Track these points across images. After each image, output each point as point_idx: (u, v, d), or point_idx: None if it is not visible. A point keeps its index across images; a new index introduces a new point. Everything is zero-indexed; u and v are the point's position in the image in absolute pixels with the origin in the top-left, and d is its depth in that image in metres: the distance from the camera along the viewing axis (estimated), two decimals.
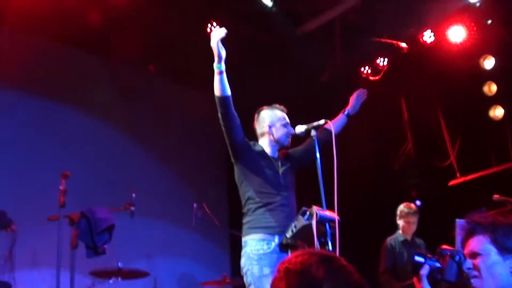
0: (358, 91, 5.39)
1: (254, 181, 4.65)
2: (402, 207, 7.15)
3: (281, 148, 4.91)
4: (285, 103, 5.02)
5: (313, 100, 8.66)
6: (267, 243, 4.50)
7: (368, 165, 8.90)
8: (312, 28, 8.67)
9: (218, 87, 4.44)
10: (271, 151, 4.83)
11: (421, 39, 8.38)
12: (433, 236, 7.02)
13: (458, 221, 5.49)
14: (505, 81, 8.53)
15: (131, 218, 6.54)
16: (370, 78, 8.90)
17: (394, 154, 9.34)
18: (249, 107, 5.07)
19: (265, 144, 4.83)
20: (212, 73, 4.43)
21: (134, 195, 6.49)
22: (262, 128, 4.86)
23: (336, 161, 4.36)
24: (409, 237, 7.13)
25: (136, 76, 8.85)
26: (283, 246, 4.40)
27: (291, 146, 4.97)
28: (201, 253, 8.88)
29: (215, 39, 4.34)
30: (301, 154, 4.97)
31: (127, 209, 6.45)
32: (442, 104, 9.16)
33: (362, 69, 8.97)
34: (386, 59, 8.87)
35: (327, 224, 4.12)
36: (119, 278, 6.54)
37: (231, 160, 4.77)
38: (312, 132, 4.56)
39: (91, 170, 7.80)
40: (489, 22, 8.20)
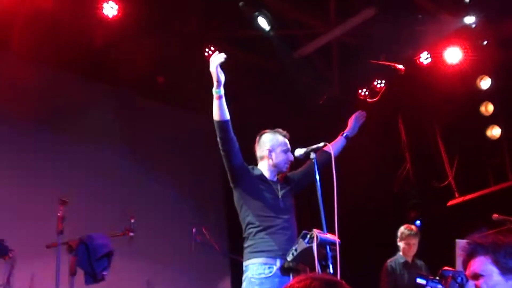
0: (357, 113, 5.38)
1: (254, 205, 4.62)
2: (403, 229, 7.12)
3: (280, 173, 4.89)
4: (283, 126, 5.00)
5: (312, 123, 8.69)
6: (269, 267, 4.46)
7: (368, 187, 8.90)
8: (310, 52, 8.73)
9: (218, 112, 4.42)
10: (270, 175, 4.80)
11: (418, 61, 8.45)
12: (433, 257, 7.01)
13: (458, 242, 5.48)
14: (502, 101, 8.58)
15: (130, 244, 6.49)
16: (368, 100, 8.93)
17: (393, 175, 9.35)
18: (247, 131, 5.06)
19: (264, 168, 4.81)
20: (211, 97, 4.43)
21: (133, 221, 6.45)
22: (262, 152, 4.84)
23: (336, 184, 4.35)
24: (410, 259, 7.10)
25: (135, 100, 8.86)
26: (285, 270, 4.38)
27: (290, 169, 4.94)
28: (201, 279, 8.82)
29: (215, 64, 4.33)
30: (301, 177, 4.95)
31: (126, 235, 6.41)
32: (440, 125, 9.20)
33: (360, 91, 9.01)
34: (384, 81, 8.91)
35: (328, 247, 4.09)
36: None
37: (230, 185, 4.75)
38: (312, 155, 4.55)
39: (89, 196, 7.77)
40: (485, 43, 8.26)
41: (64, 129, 8.04)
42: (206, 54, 7.87)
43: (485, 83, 8.70)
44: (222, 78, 4.37)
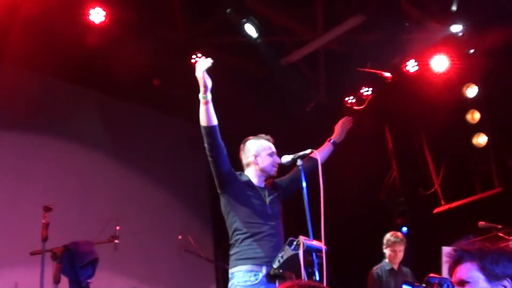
0: (344, 119, 5.39)
1: (241, 212, 4.59)
2: (389, 236, 7.13)
3: (268, 178, 4.87)
4: (271, 133, 5.00)
5: (298, 130, 8.68)
6: (255, 275, 4.44)
7: (354, 194, 8.91)
8: (297, 59, 8.73)
9: (205, 117, 4.39)
10: (258, 181, 4.79)
11: (405, 69, 8.46)
12: (419, 264, 7.02)
13: (444, 249, 5.49)
14: (488, 109, 8.61)
15: (115, 251, 6.45)
16: (355, 108, 8.93)
17: (380, 183, 9.36)
18: (234, 138, 5.05)
19: (252, 174, 4.79)
20: (198, 103, 4.40)
21: (118, 228, 6.42)
22: (248, 158, 4.83)
23: (323, 191, 4.34)
24: (396, 266, 7.10)
25: (121, 108, 8.82)
26: (271, 277, 4.34)
27: (278, 176, 4.93)
28: (187, 286, 8.77)
29: (201, 69, 4.30)
30: (288, 183, 4.94)
31: (111, 242, 6.38)
32: (426, 133, 9.24)
33: (347, 99, 9.01)
34: (370, 89, 8.91)
35: (314, 254, 4.08)
36: None
37: (217, 191, 4.72)
38: (298, 162, 4.54)
39: (74, 203, 7.73)
40: (472, 51, 8.29)
41: (50, 135, 8.01)
42: (193, 61, 7.85)
43: (472, 91, 8.74)
44: (209, 83, 4.34)
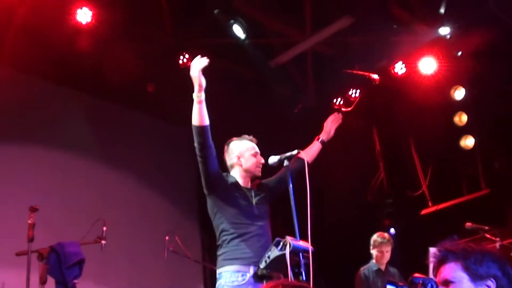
0: (333, 116, 5.37)
1: (228, 212, 4.59)
2: (376, 237, 7.14)
3: (254, 179, 4.87)
4: (258, 135, 4.99)
5: (286, 132, 8.68)
6: (242, 275, 4.44)
7: (342, 195, 8.92)
8: (285, 61, 8.73)
9: (198, 117, 4.38)
10: (244, 182, 4.78)
11: (393, 71, 8.47)
12: (406, 265, 7.04)
13: (431, 249, 5.50)
14: (476, 111, 8.65)
15: (102, 252, 6.42)
16: (342, 110, 8.94)
17: (367, 184, 9.38)
18: (221, 139, 5.04)
19: (237, 175, 4.79)
20: (184, 106, 4.40)
21: (105, 228, 6.38)
22: (231, 159, 4.82)
23: (310, 192, 4.34)
24: (383, 267, 7.12)
25: (109, 109, 8.79)
26: (258, 277, 4.33)
27: (265, 177, 4.93)
28: (174, 287, 8.75)
29: (197, 68, 4.32)
30: (275, 184, 4.93)
31: (98, 243, 6.35)
32: (414, 135, 9.27)
33: (334, 101, 9.01)
34: (358, 91, 8.92)
35: (301, 254, 4.08)
36: None
37: (204, 192, 4.71)
38: (285, 163, 4.55)
39: (61, 203, 7.69)
40: (459, 54, 8.32)
41: (36, 136, 7.95)
42: (181, 62, 7.84)
43: (459, 94, 8.79)
44: (204, 83, 4.35)
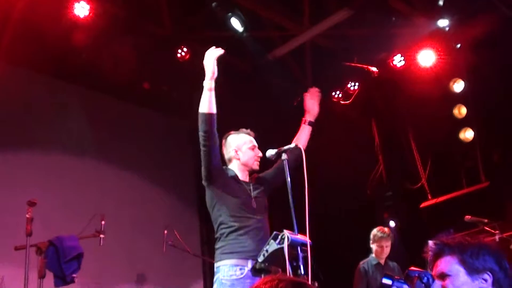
0: (309, 92, 5.28)
1: (227, 205, 4.57)
2: (375, 231, 7.11)
3: (252, 172, 4.86)
4: (257, 128, 4.99)
5: (284, 125, 8.64)
6: (240, 269, 4.42)
7: (341, 189, 8.89)
8: (283, 53, 8.70)
9: (207, 104, 4.40)
10: (242, 175, 4.77)
11: (392, 63, 8.45)
12: (406, 258, 7.02)
13: (430, 243, 5.50)
14: (475, 104, 8.63)
15: (101, 246, 6.42)
16: (341, 102, 8.92)
17: (367, 178, 9.36)
18: (220, 132, 5.02)
19: (235, 169, 4.78)
20: (182, 100, 4.40)
21: (104, 222, 6.38)
22: (229, 153, 4.82)
23: (308, 185, 4.32)
24: (383, 261, 7.10)
25: (106, 103, 8.77)
26: (256, 271, 4.31)
27: (262, 170, 4.91)
28: (174, 281, 8.74)
29: (212, 57, 4.41)
30: (273, 176, 4.91)
31: (96, 237, 6.34)
32: (413, 127, 9.23)
33: (333, 94, 8.98)
34: (357, 83, 8.90)
35: (299, 248, 4.06)
36: None
37: (203, 183, 4.68)
38: (283, 156, 4.53)
39: (59, 197, 7.68)
40: (458, 46, 8.29)
41: (34, 130, 7.93)
42: (179, 55, 7.82)
43: (458, 86, 8.76)
44: (216, 72, 4.41)
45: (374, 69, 8.55)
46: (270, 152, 4.61)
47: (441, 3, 7.94)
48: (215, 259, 4.57)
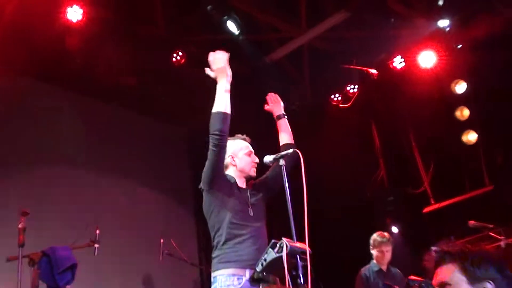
0: (267, 99, 5.32)
1: (224, 212, 4.48)
2: (375, 236, 7.06)
3: (248, 179, 4.78)
4: (254, 132, 4.93)
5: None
6: (238, 278, 4.33)
7: (341, 194, 8.80)
8: (281, 56, 8.63)
9: (225, 104, 4.43)
10: (239, 182, 4.70)
11: (391, 65, 8.37)
12: (409, 265, 6.92)
13: (430, 251, 5.38)
14: (477, 106, 8.54)
15: (96, 256, 6.31)
16: (340, 106, 8.82)
17: (367, 182, 9.27)
18: None
19: (232, 175, 4.67)
20: (175, 107, 4.32)
21: (98, 232, 6.28)
22: (225, 159, 4.71)
23: (307, 190, 4.19)
24: (384, 267, 7.03)
25: (101, 109, 8.68)
26: (254, 281, 4.24)
27: (258, 175, 4.80)
28: None
29: (223, 60, 4.50)
30: (270, 180, 4.84)
31: (91, 246, 6.25)
32: (414, 130, 9.18)
33: (332, 97, 8.88)
34: (356, 86, 8.82)
35: (298, 256, 3.95)
36: None
37: (201, 189, 4.56)
38: (281, 162, 4.44)
39: (52, 207, 7.60)
40: (459, 47, 8.20)
41: (27, 137, 7.81)
42: (174, 59, 7.73)
43: (460, 88, 8.69)
44: (230, 73, 4.52)
45: (374, 71, 8.47)
46: (268, 158, 4.53)
47: (441, 3, 7.85)
48: (212, 268, 4.47)
